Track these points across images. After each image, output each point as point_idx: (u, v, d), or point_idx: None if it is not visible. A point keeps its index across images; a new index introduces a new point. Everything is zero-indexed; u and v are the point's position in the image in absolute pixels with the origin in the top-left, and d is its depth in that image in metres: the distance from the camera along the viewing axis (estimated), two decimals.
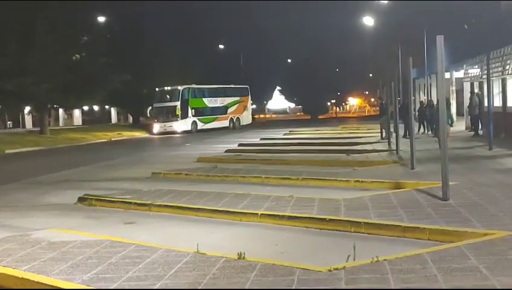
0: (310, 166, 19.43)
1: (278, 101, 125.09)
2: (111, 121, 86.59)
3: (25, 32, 41.07)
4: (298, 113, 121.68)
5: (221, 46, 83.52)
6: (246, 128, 56.95)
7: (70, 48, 46.90)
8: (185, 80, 55.45)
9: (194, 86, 55.08)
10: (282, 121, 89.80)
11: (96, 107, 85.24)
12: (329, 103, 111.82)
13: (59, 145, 41.77)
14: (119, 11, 53.62)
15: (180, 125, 52.49)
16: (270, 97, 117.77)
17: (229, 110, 59.54)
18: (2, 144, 38.67)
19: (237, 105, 60.91)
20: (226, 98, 59.40)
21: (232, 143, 33.59)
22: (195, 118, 54.10)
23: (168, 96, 53.38)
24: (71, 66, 45.99)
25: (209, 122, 55.97)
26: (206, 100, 56.51)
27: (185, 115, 52.85)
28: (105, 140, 47.70)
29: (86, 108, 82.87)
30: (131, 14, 56.28)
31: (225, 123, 58.38)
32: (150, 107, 54.86)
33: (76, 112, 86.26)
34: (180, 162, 23.70)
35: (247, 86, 63.50)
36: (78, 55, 50.01)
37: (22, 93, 42.63)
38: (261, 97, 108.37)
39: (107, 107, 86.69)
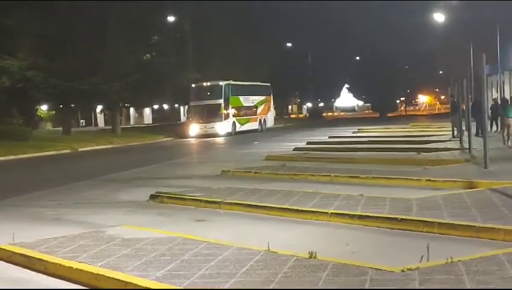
0: (379, 165, 19.23)
1: (346, 99, 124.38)
2: (180, 120, 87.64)
3: (97, 33, 41.95)
4: (367, 111, 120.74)
5: (289, 44, 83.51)
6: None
7: (141, 47, 47.91)
8: (252, 78, 55.33)
9: (232, 82, 49.84)
10: (351, 119, 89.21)
11: (166, 106, 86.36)
12: (398, 101, 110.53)
13: (130, 144, 42.59)
14: (188, 10, 53.90)
15: (223, 127, 47.47)
16: (338, 95, 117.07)
17: (258, 111, 54.51)
18: (76, 142, 39.66)
19: (264, 105, 55.73)
20: (255, 96, 54.39)
21: (299, 141, 33.54)
22: (234, 119, 49.26)
23: (208, 93, 48.48)
24: (142, 66, 46.85)
25: (244, 123, 51.27)
26: (242, 98, 51.37)
27: (227, 115, 47.88)
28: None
29: (155, 106, 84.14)
30: (200, 13, 56.37)
31: (255, 125, 53.37)
32: (187, 106, 50.35)
33: (147, 111, 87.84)
34: (249, 160, 23.79)
35: (269, 84, 57.97)
36: (148, 55, 50.92)
37: (95, 93, 43.58)
38: (329, 95, 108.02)
39: (176, 105, 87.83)
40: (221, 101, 47.42)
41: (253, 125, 52.88)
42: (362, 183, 15.28)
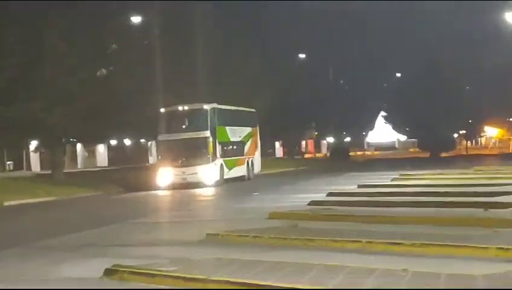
0: (430, 226, 19.20)
1: (382, 132, 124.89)
2: (148, 161, 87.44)
3: (32, 42, 42.01)
4: (411, 149, 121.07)
5: (302, 56, 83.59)
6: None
7: (93, 60, 47.75)
8: (251, 104, 55.30)
9: (217, 105, 48.03)
10: (389, 160, 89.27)
11: (128, 141, 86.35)
12: (456, 135, 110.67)
13: (78, 195, 42.49)
14: (161, 9, 53.64)
15: (210, 172, 45.23)
16: (371, 127, 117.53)
17: (245, 149, 52.54)
18: (0, 192, 39.51)
19: (251, 140, 53.77)
20: (242, 127, 52.69)
21: (316, 191, 33.55)
22: (222, 160, 47.05)
23: (186, 121, 46.75)
24: (94, 85, 46.73)
25: (232, 166, 49.28)
26: (228, 130, 49.45)
27: (214, 155, 45.74)
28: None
29: (113, 142, 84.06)
30: (178, 12, 55.87)
31: (243, 169, 51.53)
32: (153, 142, 48.80)
33: (101, 149, 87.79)
34: (246, 219, 23.78)
35: (255, 111, 56.29)
36: (103, 70, 50.88)
37: (27, 122, 43.41)
38: (358, 126, 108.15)
39: (142, 140, 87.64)
40: (208, 133, 45.40)
41: (241, 169, 51.30)
42: (406, 252, 15.21)
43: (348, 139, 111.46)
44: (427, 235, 16.90)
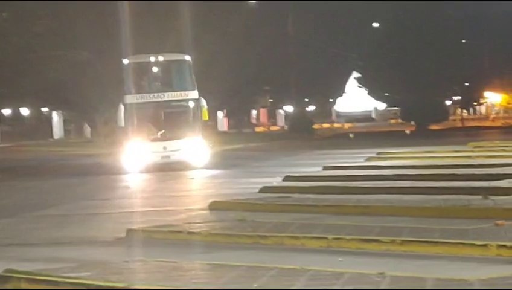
0: (414, 218, 19.37)
1: (355, 100, 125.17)
2: (52, 135, 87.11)
3: None
4: (393, 121, 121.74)
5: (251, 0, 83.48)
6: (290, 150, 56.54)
7: None
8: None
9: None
10: (363, 134, 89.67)
11: (25, 111, 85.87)
12: (449, 102, 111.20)
13: None
14: None
15: (200, 148, 43.48)
16: (340, 92, 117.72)
17: None
18: None
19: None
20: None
21: (270, 175, 33.70)
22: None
23: (162, 77, 46.10)
24: None
25: None
26: None
27: (203, 125, 45.23)
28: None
29: (6, 112, 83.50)
30: None
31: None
32: (122, 107, 44.69)
33: None
34: (178, 210, 23.81)
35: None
36: None
37: None
38: (324, 92, 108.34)
39: (45, 110, 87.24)
40: (195, 94, 44.37)
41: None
42: (384, 251, 15.33)
43: (311, 108, 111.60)
44: (411, 229, 17.06)
